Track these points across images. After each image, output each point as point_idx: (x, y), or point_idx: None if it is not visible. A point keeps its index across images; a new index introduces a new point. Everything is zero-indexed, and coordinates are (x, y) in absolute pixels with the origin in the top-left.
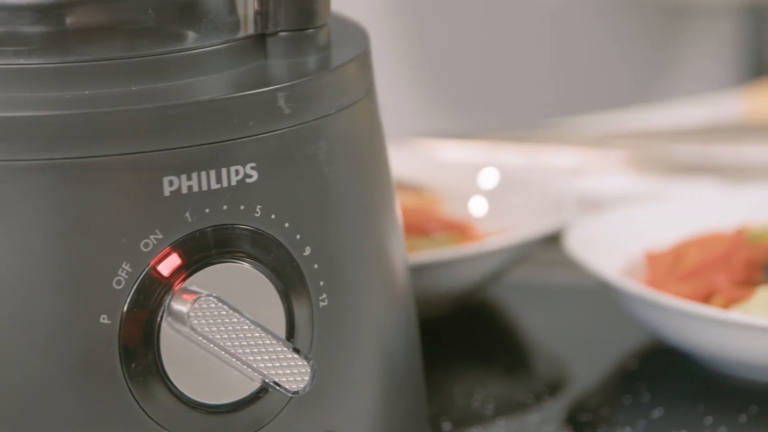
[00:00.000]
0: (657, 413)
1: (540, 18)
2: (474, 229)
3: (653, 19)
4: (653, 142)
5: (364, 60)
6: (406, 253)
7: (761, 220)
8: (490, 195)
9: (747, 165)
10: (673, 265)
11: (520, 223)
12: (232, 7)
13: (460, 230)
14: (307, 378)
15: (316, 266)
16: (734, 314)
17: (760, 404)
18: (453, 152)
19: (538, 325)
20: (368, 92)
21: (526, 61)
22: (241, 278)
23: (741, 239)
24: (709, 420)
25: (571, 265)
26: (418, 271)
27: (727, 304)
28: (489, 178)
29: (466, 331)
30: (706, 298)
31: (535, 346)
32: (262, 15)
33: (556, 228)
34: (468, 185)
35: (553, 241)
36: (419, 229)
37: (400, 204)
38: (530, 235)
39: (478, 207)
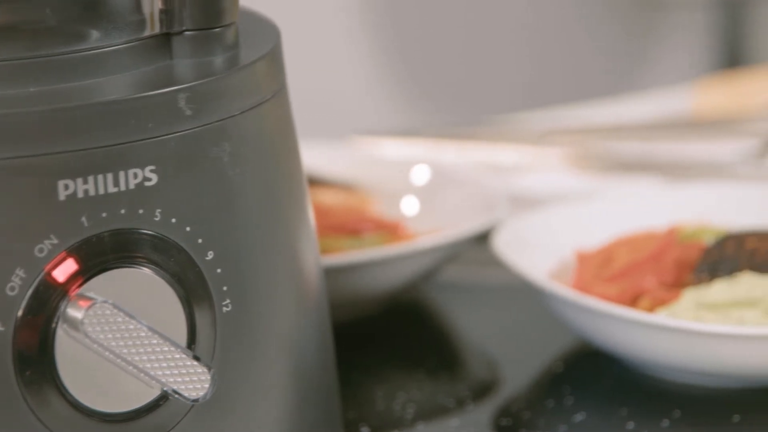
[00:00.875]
0: (579, 417)
1: (508, 9)
2: (405, 229)
3: (626, 12)
4: (596, 139)
5: (273, 58)
6: (319, 256)
7: (697, 218)
8: (422, 193)
9: (690, 162)
10: (602, 265)
11: (451, 222)
12: (137, 6)
13: (391, 230)
14: (206, 386)
15: (219, 271)
16: (653, 316)
17: (684, 409)
18: (391, 150)
19: (469, 326)
20: (279, 91)
21: (492, 53)
22: (140, 284)
23: (672, 239)
24: (630, 425)
25: (504, 264)
26: (347, 271)
27: (654, 306)
28: (421, 177)
29: (395, 332)
30: (634, 300)
31: (463, 347)
32: (167, 14)
33: (487, 227)
34: (401, 184)
35: (486, 239)
36: (350, 228)
37: (332, 203)
38: (460, 234)
39: (410, 206)
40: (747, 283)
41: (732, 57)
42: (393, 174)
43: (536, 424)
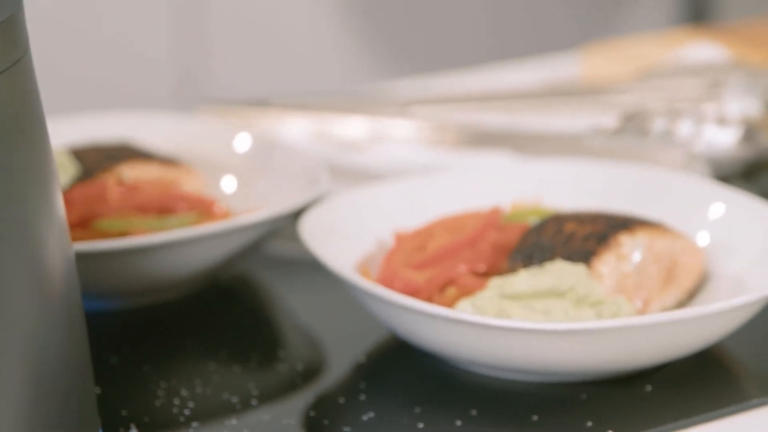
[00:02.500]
0: (366, 417)
1: None
2: (220, 207)
3: None
4: (458, 110)
5: (7, 29)
6: (69, 244)
7: (536, 196)
8: (243, 168)
9: (546, 136)
10: (419, 248)
11: (271, 199)
12: None
13: (204, 208)
14: None
15: None
16: (433, 308)
17: (482, 407)
18: (239, 122)
19: (283, 310)
20: (13, 66)
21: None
22: None
23: (494, 220)
24: (420, 425)
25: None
26: (153, 251)
27: (461, 295)
28: (243, 150)
29: (202, 316)
30: (443, 288)
31: (271, 335)
32: None
33: (305, 204)
34: (225, 158)
35: None
36: (159, 207)
37: (145, 179)
38: (272, 214)
39: (229, 182)
40: (555, 273)
41: (696, 8)
42: (219, 148)
43: (320, 425)
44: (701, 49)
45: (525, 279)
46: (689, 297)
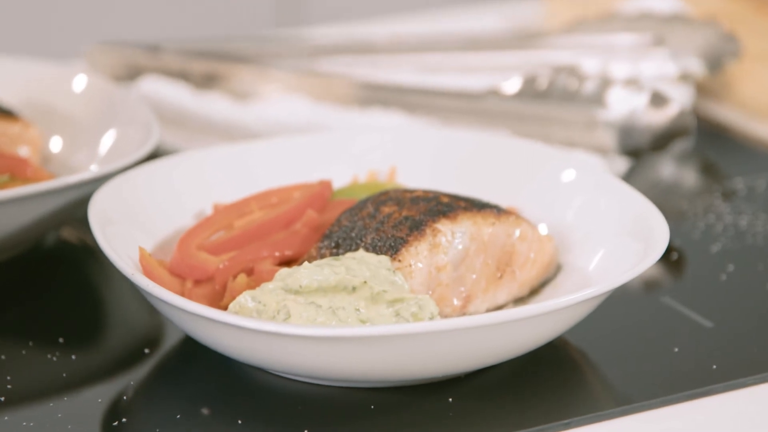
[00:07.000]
0: (116, 423)
1: None
2: (35, 168)
3: None
4: (366, 63)
5: None
6: None
7: (389, 168)
8: (80, 124)
9: (448, 95)
10: (229, 226)
11: (103, 157)
12: None
13: (19, 168)
14: None
15: None
16: (185, 303)
17: (251, 416)
18: (94, 71)
19: (111, 280)
20: None
21: None
22: None
23: (319, 196)
24: None
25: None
26: None
27: (252, 285)
28: (85, 104)
29: (8, 287)
30: (241, 274)
31: (76, 311)
32: None
33: (127, 166)
34: (65, 111)
35: None
36: None
37: None
38: (87, 177)
39: (66, 136)
40: (348, 265)
41: None
42: (58, 100)
43: (61, 428)
44: None
45: (308, 271)
46: (531, 292)
